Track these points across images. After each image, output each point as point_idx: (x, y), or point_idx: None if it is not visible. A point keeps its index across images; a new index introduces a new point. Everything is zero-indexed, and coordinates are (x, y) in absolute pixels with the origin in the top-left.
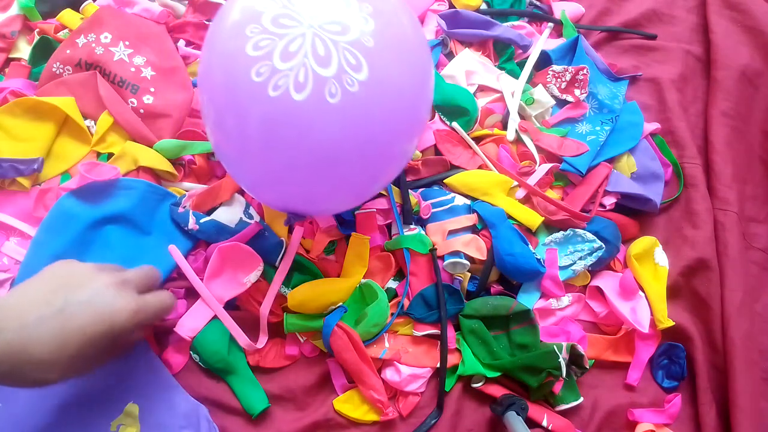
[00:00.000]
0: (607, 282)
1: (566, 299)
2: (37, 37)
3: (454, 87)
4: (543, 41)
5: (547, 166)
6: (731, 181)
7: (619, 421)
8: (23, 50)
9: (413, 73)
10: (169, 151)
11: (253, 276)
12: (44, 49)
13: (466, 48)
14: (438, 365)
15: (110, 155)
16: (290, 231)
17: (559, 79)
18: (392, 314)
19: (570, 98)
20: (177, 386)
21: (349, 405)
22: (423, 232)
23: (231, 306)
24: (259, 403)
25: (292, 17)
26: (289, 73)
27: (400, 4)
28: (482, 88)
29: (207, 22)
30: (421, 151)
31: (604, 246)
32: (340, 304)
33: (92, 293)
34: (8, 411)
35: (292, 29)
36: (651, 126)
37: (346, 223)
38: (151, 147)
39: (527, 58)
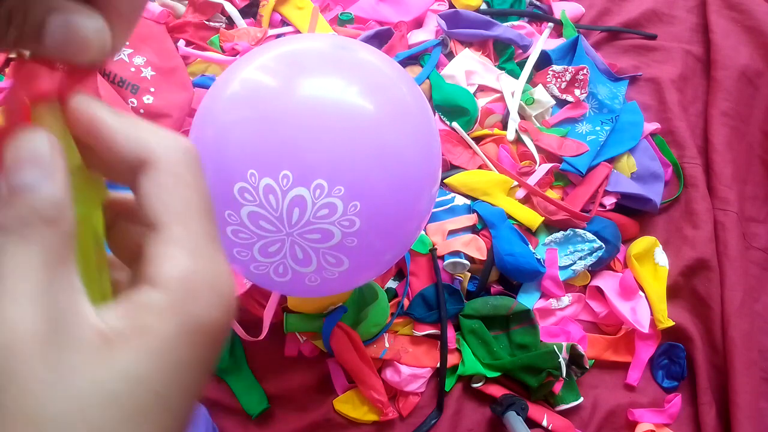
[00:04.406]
0: (607, 282)
1: (566, 299)
2: None
3: (454, 87)
4: (543, 41)
5: (547, 166)
6: (731, 181)
7: (619, 421)
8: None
9: (397, 242)
10: None
11: None
12: None
13: (466, 48)
14: (438, 365)
15: None
16: None
17: (559, 79)
18: (392, 314)
19: (570, 98)
20: None
21: (349, 405)
22: (423, 232)
23: None
24: (258, 403)
25: (272, 222)
26: (269, 265)
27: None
28: (482, 88)
29: (207, 23)
30: None
31: (604, 246)
32: (340, 304)
33: None
34: None
35: (271, 235)
36: (651, 126)
37: None
38: None
39: (527, 58)
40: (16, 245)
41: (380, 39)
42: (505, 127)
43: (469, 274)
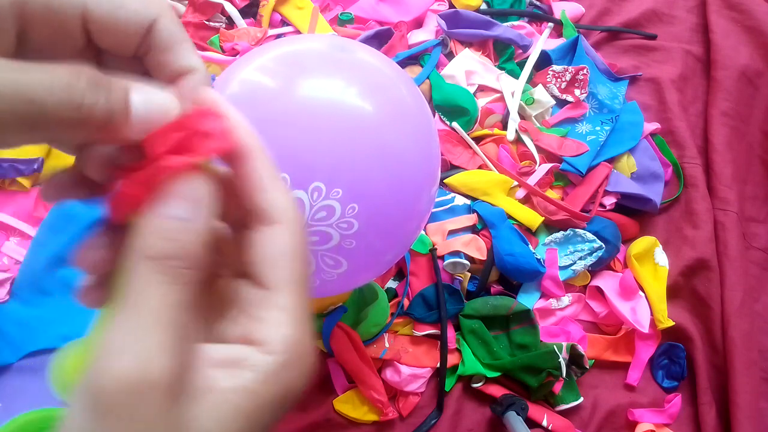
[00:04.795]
0: (607, 282)
1: (566, 299)
2: None
3: (454, 87)
4: (543, 41)
5: (547, 166)
6: (731, 181)
7: (619, 421)
8: None
9: (397, 243)
10: None
11: None
12: None
13: (466, 48)
14: (438, 365)
15: None
16: None
17: (559, 79)
18: (392, 314)
19: (570, 98)
20: None
21: (349, 405)
22: (423, 232)
23: None
24: None
25: None
26: None
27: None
28: (482, 88)
29: (207, 23)
30: None
31: (604, 246)
32: (340, 304)
33: None
34: (8, 412)
35: None
36: (651, 126)
37: None
38: None
39: (527, 58)
40: (161, 279)
41: (380, 39)
42: (505, 127)
43: (469, 274)
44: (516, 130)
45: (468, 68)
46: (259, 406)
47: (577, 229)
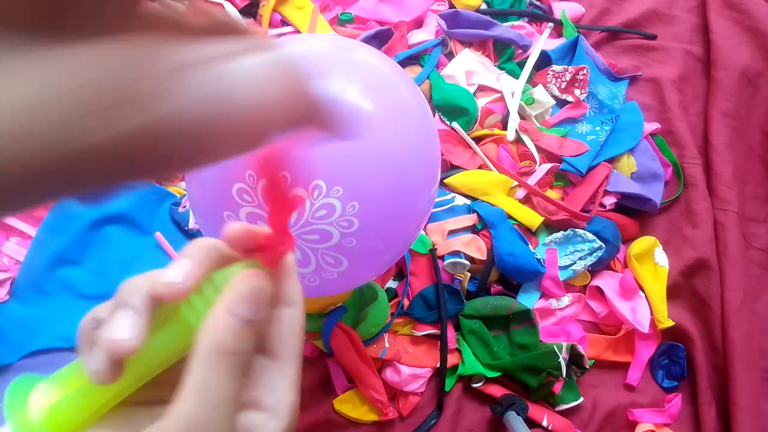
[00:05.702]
0: (607, 282)
1: (566, 299)
2: None
3: (454, 87)
4: (543, 41)
5: (547, 166)
6: (731, 181)
7: (619, 421)
8: None
9: (396, 243)
10: None
11: None
12: None
13: (466, 48)
14: (438, 365)
15: None
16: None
17: (559, 79)
18: (392, 314)
19: (570, 98)
20: None
21: (349, 405)
22: (423, 232)
23: None
24: None
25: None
26: None
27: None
28: (482, 88)
29: None
30: None
31: (604, 246)
32: (340, 304)
33: None
34: None
35: None
36: (651, 126)
37: None
38: None
39: (527, 58)
40: (227, 370)
41: (380, 39)
42: (505, 127)
43: (469, 274)
44: (516, 130)
45: (468, 68)
46: None
47: (577, 229)
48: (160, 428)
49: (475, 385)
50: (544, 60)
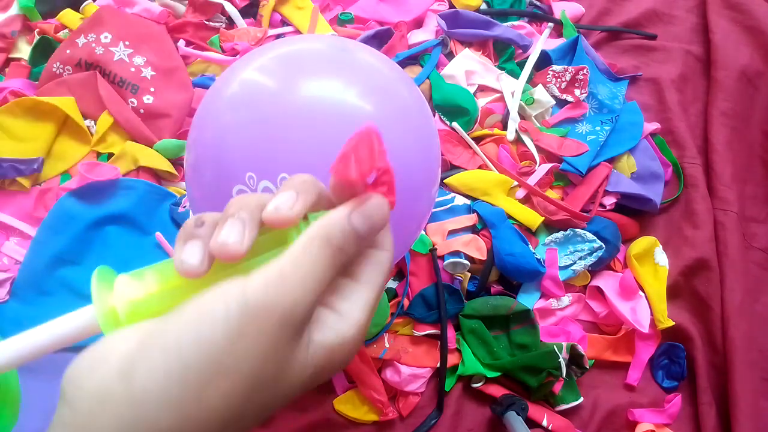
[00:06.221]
0: (607, 282)
1: (566, 299)
2: (37, 37)
3: (454, 87)
4: (543, 41)
5: (547, 166)
6: (731, 181)
7: (619, 421)
8: (23, 50)
9: (397, 243)
10: (169, 150)
11: None
12: (44, 49)
13: (466, 48)
14: (438, 365)
15: (110, 155)
16: None
17: (559, 79)
18: (392, 314)
19: (570, 98)
20: None
21: (349, 405)
22: (423, 232)
23: None
24: None
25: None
26: None
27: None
28: (482, 88)
29: (207, 23)
30: None
31: (604, 246)
32: None
33: None
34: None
35: None
36: (651, 126)
37: None
38: (151, 147)
39: (527, 58)
40: (329, 255)
41: (380, 39)
42: (505, 127)
43: (469, 274)
44: (516, 130)
45: (468, 68)
46: (330, 361)
47: (577, 229)
48: (246, 287)
49: (475, 385)
50: (544, 60)
